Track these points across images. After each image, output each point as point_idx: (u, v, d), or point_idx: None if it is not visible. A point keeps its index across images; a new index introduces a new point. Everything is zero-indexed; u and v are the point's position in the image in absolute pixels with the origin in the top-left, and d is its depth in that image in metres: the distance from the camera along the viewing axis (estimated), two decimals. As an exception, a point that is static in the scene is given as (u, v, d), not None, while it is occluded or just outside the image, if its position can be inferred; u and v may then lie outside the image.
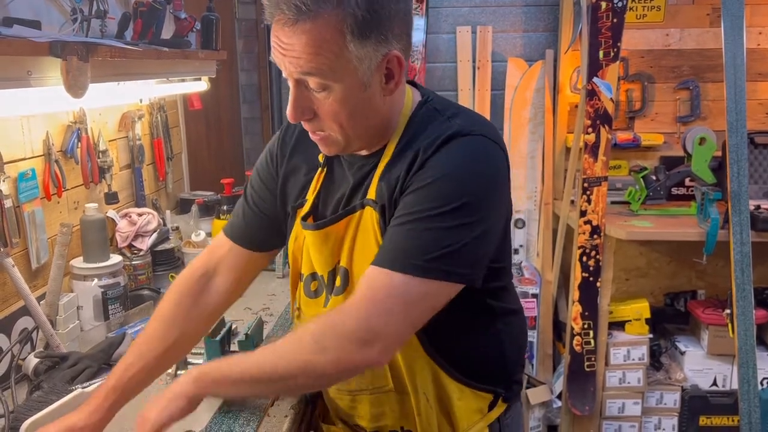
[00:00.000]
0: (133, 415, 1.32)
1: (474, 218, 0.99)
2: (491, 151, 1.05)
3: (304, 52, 0.96)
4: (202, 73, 2.36)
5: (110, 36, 1.68)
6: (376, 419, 1.19)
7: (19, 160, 1.66)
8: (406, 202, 1.01)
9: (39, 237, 1.69)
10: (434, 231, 0.97)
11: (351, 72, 0.98)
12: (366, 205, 1.09)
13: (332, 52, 0.95)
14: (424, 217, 0.98)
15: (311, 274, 1.20)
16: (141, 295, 1.87)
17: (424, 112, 1.10)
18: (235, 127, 3.48)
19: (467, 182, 1.00)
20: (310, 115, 1.04)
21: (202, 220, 2.39)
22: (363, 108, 1.03)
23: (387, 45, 0.99)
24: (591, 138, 2.82)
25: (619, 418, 3.09)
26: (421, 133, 1.07)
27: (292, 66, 0.98)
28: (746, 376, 2.58)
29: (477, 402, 1.16)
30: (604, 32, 2.75)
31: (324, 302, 1.17)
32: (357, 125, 1.04)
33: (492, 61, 3.21)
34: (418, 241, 0.97)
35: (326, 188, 1.18)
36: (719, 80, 2.88)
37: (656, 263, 3.23)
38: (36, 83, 1.28)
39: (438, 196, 0.98)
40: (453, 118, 1.08)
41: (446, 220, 0.97)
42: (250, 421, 1.10)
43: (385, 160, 1.09)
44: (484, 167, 1.03)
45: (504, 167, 1.08)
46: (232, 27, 3.32)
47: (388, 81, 1.03)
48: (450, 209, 0.97)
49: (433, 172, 1.00)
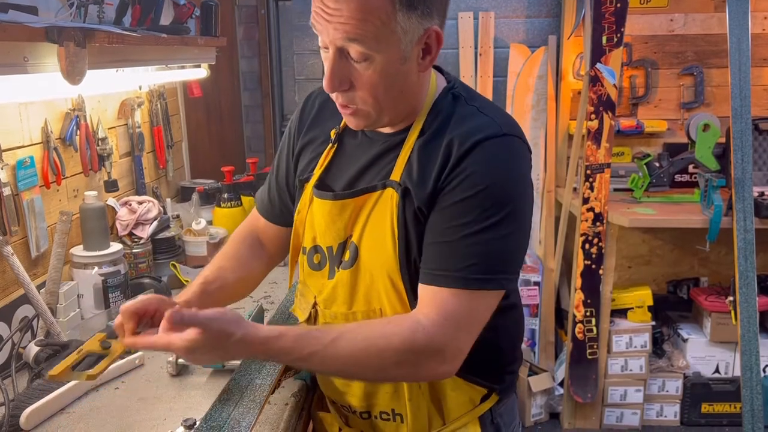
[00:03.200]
0: (133, 411, 1.32)
1: (517, 224, 1.03)
2: (525, 153, 1.08)
3: (353, 18, 0.94)
4: (202, 60, 2.35)
5: (108, 22, 1.66)
6: (367, 398, 1.19)
7: (17, 147, 1.65)
8: (453, 214, 1.02)
9: (38, 225, 1.69)
10: (487, 244, 1.00)
11: (394, 43, 0.98)
12: (388, 186, 1.08)
13: (380, 19, 0.95)
14: (475, 231, 1.00)
15: (314, 246, 1.20)
16: (142, 284, 1.87)
17: (450, 99, 1.11)
18: (236, 114, 3.47)
19: (510, 191, 1.02)
20: (346, 86, 1.03)
21: (203, 208, 2.38)
22: (400, 82, 1.03)
23: (430, 19, 0.99)
24: (594, 124, 2.80)
25: (621, 405, 3.09)
26: (450, 120, 1.07)
27: (338, 32, 0.96)
28: (749, 363, 2.58)
29: (470, 393, 1.17)
30: (608, 17, 2.73)
31: (328, 274, 1.17)
32: (392, 99, 1.04)
33: (494, 47, 3.18)
34: (475, 257, 1.00)
35: (336, 163, 1.18)
36: (724, 66, 2.86)
37: (659, 250, 3.22)
38: (33, 69, 1.27)
39: (484, 207, 1.00)
40: (483, 110, 1.08)
41: (498, 231, 1.00)
42: (251, 409, 1.09)
43: (410, 142, 1.09)
44: (522, 173, 1.06)
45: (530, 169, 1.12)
46: (232, 13, 3.29)
47: (424, 56, 1.03)
48: (498, 220, 1.00)
49: (475, 180, 1.01)
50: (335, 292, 1.15)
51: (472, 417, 1.17)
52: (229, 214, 2.22)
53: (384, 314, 1.11)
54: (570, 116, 3.17)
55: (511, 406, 1.23)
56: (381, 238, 1.07)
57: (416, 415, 1.16)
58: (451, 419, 1.17)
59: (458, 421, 1.17)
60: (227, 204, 2.24)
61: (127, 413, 1.28)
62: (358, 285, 1.12)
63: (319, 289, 1.19)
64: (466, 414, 1.17)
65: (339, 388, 1.23)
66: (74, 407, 1.31)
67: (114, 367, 1.43)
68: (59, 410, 1.28)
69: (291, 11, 3.43)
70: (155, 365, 1.49)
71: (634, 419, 3.10)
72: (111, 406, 1.31)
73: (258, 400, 1.12)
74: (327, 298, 1.17)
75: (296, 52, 3.47)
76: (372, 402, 1.20)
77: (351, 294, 1.13)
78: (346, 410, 1.25)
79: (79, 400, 1.33)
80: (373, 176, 1.12)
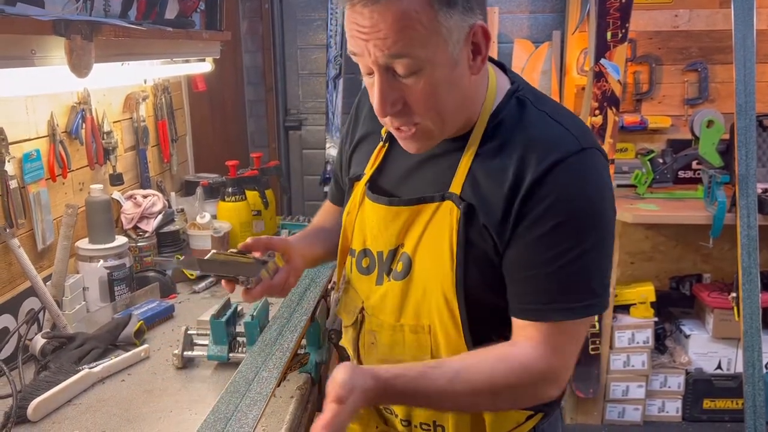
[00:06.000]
0: (140, 402, 1.33)
1: (607, 244, 0.99)
2: (605, 166, 1.01)
3: (392, 30, 0.87)
4: (206, 53, 2.35)
5: (114, 15, 1.66)
6: (409, 407, 1.15)
7: (23, 140, 1.65)
8: (544, 245, 0.96)
9: (44, 218, 1.69)
10: (586, 270, 0.96)
11: (442, 47, 0.90)
12: (447, 198, 1.02)
13: (422, 24, 0.87)
14: (571, 260, 0.95)
15: (363, 250, 1.15)
16: (146, 277, 1.87)
17: (515, 103, 1.02)
18: (240, 109, 3.47)
19: (599, 212, 0.97)
20: (399, 106, 0.95)
21: (207, 202, 2.39)
22: (455, 89, 0.96)
23: (473, 15, 0.92)
24: (598, 120, 2.80)
25: (623, 401, 3.10)
26: (517, 129, 1.00)
27: (379, 50, 0.89)
28: (751, 359, 2.58)
29: (514, 416, 1.12)
30: (612, 13, 2.72)
31: (376, 280, 1.13)
32: (452, 109, 0.97)
33: (498, 43, 3.18)
34: (575, 285, 0.97)
35: (388, 164, 1.13)
36: (728, 62, 2.85)
37: (662, 247, 3.22)
38: (40, 63, 1.27)
39: (578, 232, 0.95)
40: (555, 116, 1.01)
41: (593, 254, 0.96)
42: (257, 402, 1.10)
43: (471, 151, 1.01)
44: (607, 191, 0.99)
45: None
46: (236, 7, 3.29)
47: (475, 57, 0.95)
48: (592, 244, 0.96)
49: (561, 208, 0.94)
50: (384, 302, 1.11)
51: None
52: (234, 208, 2.23)
53: (433, 331, 1.06)
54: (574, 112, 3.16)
55: (554, 420, 1.18)
56: (438, 253, 1.02)
57: (458, 429, 1.12)
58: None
59: None
60: (231, 198, 2.24)
61: (134, 405, 1.29)
62: (408, 298, 1.07)
63: (367, 295, 1.15)
64: (510, 430, 1.12)
65: None
66: (81, 399, 1.32)
67: (120, 359, 1.44)
68: (66, 402, 1.29)
69: (295, 6, 3.42)
70: (161, 358, 1.50)
71: (635, 415, 3.11)
72: (117, 397, 1.32)
73: (264, 392, 1.13)
74: (375, 305, 1.13)
75: (300, 46, 3.47)
76: (413, 412, 1.15)
77: (400, 306, 1.08)
78: (387, 412, 1.21)
79: (86, 392, 1.34)
80: (428, 182, 1.06)
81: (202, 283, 1.93)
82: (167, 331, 1.65)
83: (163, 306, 1.72)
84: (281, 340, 1.31)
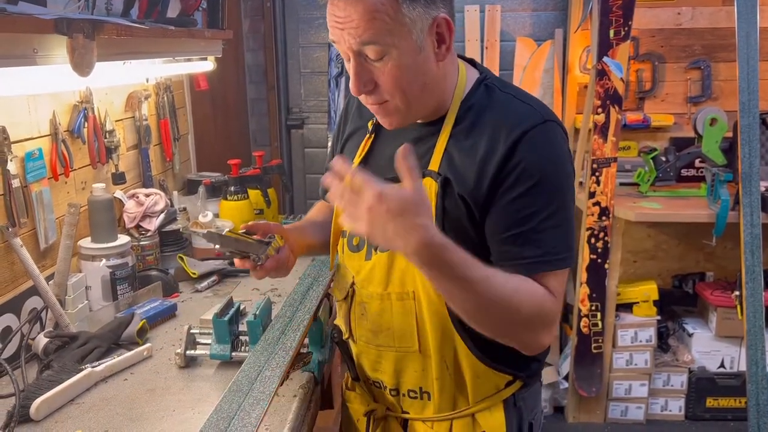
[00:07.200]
0: (142, 402, 1.33)
1: (571, 204, 1.12)
2: (563, 139, 1.14)
3: (363, 20, 1.01)
4: (208, 52, 2.34)
5: (116, 14, 1.66)
6: (397, 376, 1.26)
7: (26, 139, 1.65)
8: (522, 205, 1.07)
9: (47, 217, 1.69)
10: (561, 225, 1.08)
11: (406, 35, 1.04)
12: (426, 175, 1.12)
13: (388, 15, 1.01)
14: (548, 215, 1.07)
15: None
16: (149, 276, 1.87)
17: (483, 90, 1.16)
18: (242, 107, 3.47)
19: (561, 175, 1.10)
20: (371, 87, 1.09)
21: (210, 200, 2.39)
22: (421, 72, 1.08)
23: (435, 8, 1.05)
24: (600, 118, 2.79)
25: (626, 400, 3.10)
26: (486, 110, 1.13)
27: (352, 37, 1.03)
28: (754, 357, 2.58)
29: (495, 380, 1.22)
30: (615, 10, 2.72)
31: (366, 255, 1.23)
32: (418, 90, 1.09)
33: (501, 41, 3.18)
34: (556, 239, 1.08)
35: (373, 153, 1.25)
36: (731, 60, 2.85)
37: (664, 245, 3.21)
38: (42, 61, 1.27)
39: (548, 193, 1.07)
40: (519, 97, 1.14)
41: (562, 212, 1.08)
42: (260, 401, 1.10)
43: (445, 132, 1.14)
44: (568, 155, 1.13)
45: None
46: (237, 6, 3.29)
47: (439, 45, 1.08)
48: (561, 202, 1.08)
49: (532, 171, 1.06)
50: (372, 273, 1.21)
51: (496, 400, 1.23)
52: (236, 207, 2.23)
53: (417, 297, 1.16)
54: (576, 110, 3.16)
55: (535, 391, 1.29)
56: None
57: (442, 394, 1.22)
58: (476, 401, 1.23)
59: (482, 402, 1.23)
60: (234, 197, 2.25)
61: (137, 404, 1.29)
62: (394, 267, 1.18)
63: (357, 270, 1.25)
64: (490, 397, 1.22)
65: (371, 364, 1.30)
66: (84, 398, 1.31)
67: (122, 358, 1.44)
68: (69, 401, 1.29)
69: (296, 4, 3.42)
70: (163, 357, 1.50)
71: (638, 413, 3.11)
72: (120, 396, 1.32)
73: (267, 391, 1.13)
74: (364, 278, 1.23)
75: (302, 45, 3.47)
76: (401, 380, 1.26)
77: (387, 276, 1.19)
78: (376, 386, 1.32)
79: (89, 391, 1.34)
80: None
81: (204, 282, 1.93)
82: (170, 330, 1.65)
83: (166, 305, 1.72)
84: (284, 339, 1.31)
